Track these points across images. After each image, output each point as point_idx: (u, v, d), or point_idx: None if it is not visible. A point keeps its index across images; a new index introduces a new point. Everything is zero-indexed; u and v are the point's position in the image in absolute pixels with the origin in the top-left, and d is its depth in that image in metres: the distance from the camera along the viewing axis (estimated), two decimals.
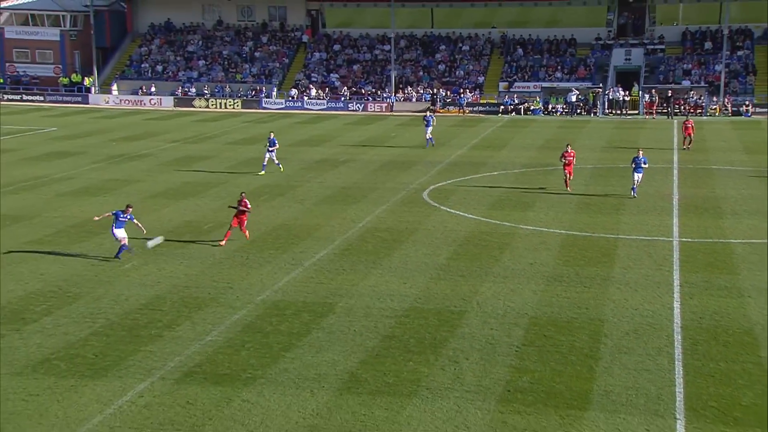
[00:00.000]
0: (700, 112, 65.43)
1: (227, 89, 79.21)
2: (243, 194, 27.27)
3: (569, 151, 35.46)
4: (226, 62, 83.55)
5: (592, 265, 24.22)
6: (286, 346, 18.10)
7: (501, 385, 16.12)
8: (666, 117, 64.74)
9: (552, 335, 18.69)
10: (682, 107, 66.12)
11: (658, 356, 17.42)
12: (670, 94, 66.74)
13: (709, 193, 34.43)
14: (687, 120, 48.80)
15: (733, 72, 71.25)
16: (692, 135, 47.28)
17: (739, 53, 73.81)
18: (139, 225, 25.19)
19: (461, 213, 31.17)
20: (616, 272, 23.43)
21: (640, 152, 34.18)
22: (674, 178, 38.32)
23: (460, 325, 19.37)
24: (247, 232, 26.95)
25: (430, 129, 49.11)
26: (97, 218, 26.05)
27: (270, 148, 40.21)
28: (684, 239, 27.00)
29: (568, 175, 35.17)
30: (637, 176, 33.47)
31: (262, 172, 39.67)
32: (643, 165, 33.57)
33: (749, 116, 64.64)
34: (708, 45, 75.09)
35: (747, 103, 66.13)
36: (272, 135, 41.22)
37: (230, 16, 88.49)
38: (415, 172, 40.55)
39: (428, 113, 51.85)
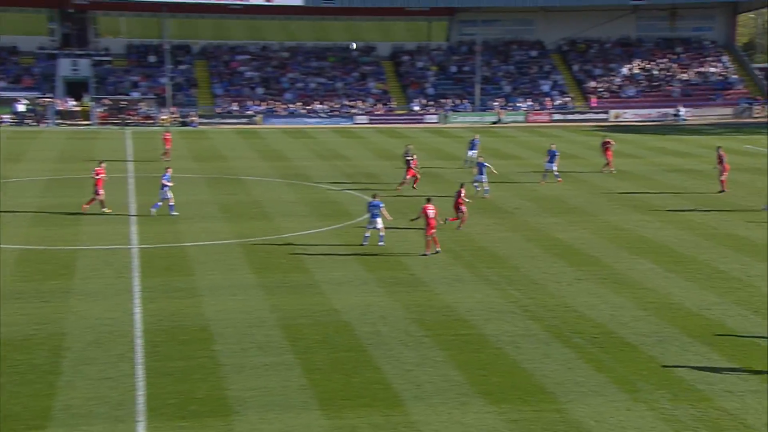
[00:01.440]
0: (151, 123, 67.75)
1: None
2: None
3: (101, 167, 32.30)
4: None
5: (51, 278, 23.65)
6: None
7: None
8: (119, 128, 65.93)
9: (8, 356, 17.86)
10: (134, 118, 68.47)
11: (120, 363, 17.66)
12: (121, 105, 68.87)
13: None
14: (166, 131, 49.91)
15: (177, 85, 75.23)
16: (169, 147, 47.57)
17: (182, 67, 78.38)
18: None
19: None
20: (76, 284, 23.19)
21: (168, 171, 32.25)
22: (130, 187, 38.65)
23: None
24: None
25: None
26: None
27: None
28: (143, 246, 27.62)
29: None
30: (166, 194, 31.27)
31: None
32: (166, 182, 31.55)
33: (196, 126, 68.55)
34: (152, 58, 78.54)
35: (192, 114, 70.36)
36: None
37: None
38: None
39: None
